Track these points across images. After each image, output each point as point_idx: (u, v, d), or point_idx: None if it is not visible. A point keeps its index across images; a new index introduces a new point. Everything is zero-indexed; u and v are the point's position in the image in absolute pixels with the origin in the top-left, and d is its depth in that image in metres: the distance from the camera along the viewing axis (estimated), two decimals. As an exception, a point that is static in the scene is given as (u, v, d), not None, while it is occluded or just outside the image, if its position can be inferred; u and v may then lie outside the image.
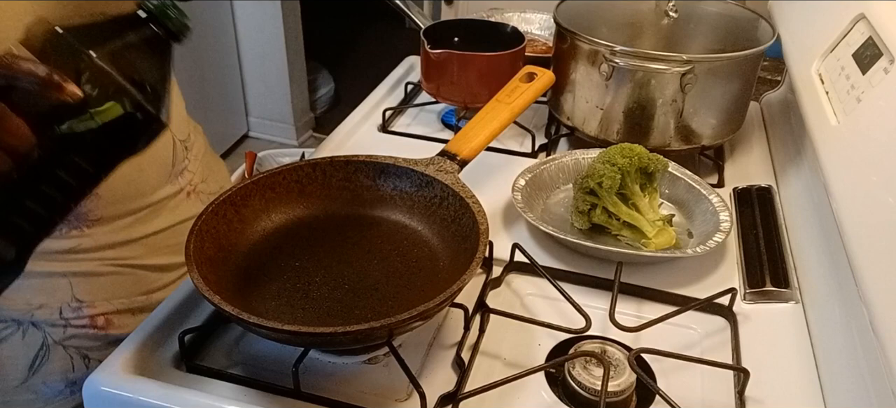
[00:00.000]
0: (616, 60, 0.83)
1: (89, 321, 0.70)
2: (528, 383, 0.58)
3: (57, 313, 0.69)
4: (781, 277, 0.70)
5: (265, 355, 0.60)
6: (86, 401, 0.57)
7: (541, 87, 0.82)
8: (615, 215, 0.73)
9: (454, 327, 0.64)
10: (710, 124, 0.87)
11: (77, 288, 0.69)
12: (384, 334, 0.53)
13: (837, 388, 0.58)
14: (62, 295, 0.69)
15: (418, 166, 0.70)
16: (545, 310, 0.67)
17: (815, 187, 0.76)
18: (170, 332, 0.61)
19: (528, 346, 0.63)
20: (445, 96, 0.98)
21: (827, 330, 0.63)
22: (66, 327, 0.69)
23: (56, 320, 0.69)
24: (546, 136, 0.98)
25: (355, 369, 0.59)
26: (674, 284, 0.70)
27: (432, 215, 0.69)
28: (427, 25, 1.01)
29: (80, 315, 0.70)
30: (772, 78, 1.18)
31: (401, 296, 0.62)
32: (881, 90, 0.59)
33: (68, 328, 0.69)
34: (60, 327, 0.69)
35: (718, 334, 0.65)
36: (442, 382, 0.58)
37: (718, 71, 0.84)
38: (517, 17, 1.22)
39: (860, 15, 0.69)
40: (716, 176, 0.89)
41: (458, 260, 0.62)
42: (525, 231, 0.78)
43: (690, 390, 0.59)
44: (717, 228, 0.73)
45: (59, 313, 0.69)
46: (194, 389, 0.56)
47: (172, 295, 0.65)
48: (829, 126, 0.65)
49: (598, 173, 0.72)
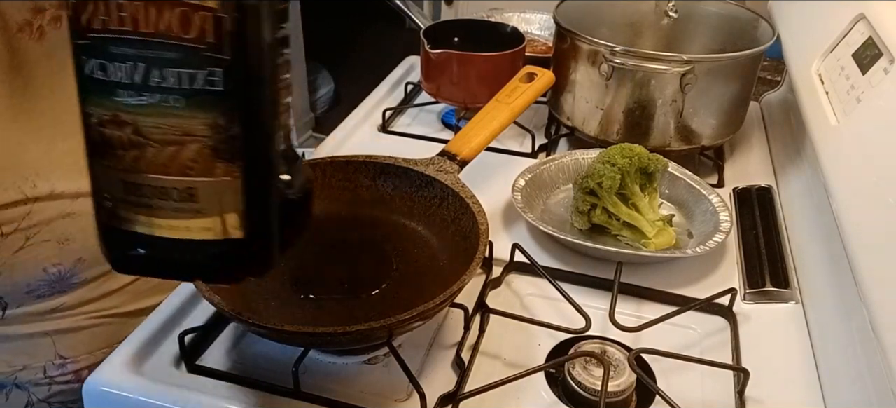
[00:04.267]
0: (616, 60, 0.83)
1: (74, 376, 0.69)
2: (528, 383, 0.58)
3: (41, 372, 0.67)
4: (781, 277, 0.70)
5: (265, 355, 0.60)
6: (86, 401, 0.57)
7: (541, 88, 0.82)
8: (615, 215, 0.73)
9: (454, 327, 0.64)
10: (710, 124, 0.87)
11: (60, 345, 0.68)
12: (384, 334, 0.53)
13: (837, 388, 0.58)
14: (45, 354, 0.67)
15: (418, 166, 0.70)
16: (545, 310, 0.67)
17: (815, 187, 0.76)
18: (170, 332, 0.61)
19: (528, 346, 0.63)
20: (445, 96, 0.98)
21: (827, 330, 0.63)
22: (51, 385, 0.68)
23: (40, 379, 0.68)
24: (546, 136, 0.98)
25: (355, 369, 0.59)
26: (674, 285, 0.70)
27: (432, 215, 0.69)
28: (427, 25, 1.01)
29: (65, 372, 0.69)
30: (772, 78, 1.18)
31: (401, 296, 0.62)
32: (881, 90, 0.59)
33: (53, 386, 0.68)
34: (45, 385, 0.68)
35: (718, 334, 0.65)
36: (442, 382, 0.58)
37: (718, 71, 0.84)
38: (517, 17, 1.22)
39: (860, 15, 0.69)
40: (716, 176, 0.89)
41: (458, 260, 0.62)
42: (525, 231, 0.78)
43: (690, 391, 0.59)
44: (717, 229, 0.73)
45: (43, 371, 0.68)
46: (194, 389, 0.56)
47: (172, 295, 0.65)
48: (828, 126, 0.65)
49: (598, 173, 0.72)
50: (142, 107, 0.38)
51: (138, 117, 0.39)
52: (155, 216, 0.41)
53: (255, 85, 0.40)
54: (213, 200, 0.41)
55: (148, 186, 0.40)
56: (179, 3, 0.36)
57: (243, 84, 0.39)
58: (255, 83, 0.40)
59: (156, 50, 0.37)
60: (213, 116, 0.39)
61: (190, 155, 0.39)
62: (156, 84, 0.38)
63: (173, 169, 0.40)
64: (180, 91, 0.38)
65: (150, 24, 0.37)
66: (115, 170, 0.40)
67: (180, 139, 0.39)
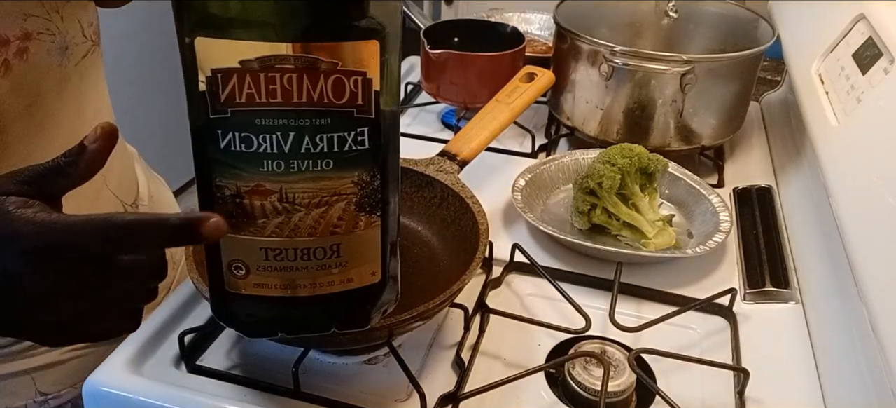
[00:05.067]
0: (616, 60, 0.83)
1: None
2: (528, 383, 0.58)
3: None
4: (781, 277, 0.70)
5: (265, 355, 0.60)
6: (86, 401, 0.57)
7: (541, 88, 0.82)
8: (615, 215, 0.73)
9: (454, 327, 0.64)
10: (710, 124, 0.87)
11: (40, 382, 0.66)
12: (384, 334, 0.53)
13: (837, 388, 0.58)
14: (26, 393, 0.65)
15: (418, 166, 0.70)
16: (545, 310, 0.67)
17: (815, 187, 0.76)
18: (170, 332, 0.61)
19: (528, 346, 0.63)
20: (445, 96, 0.98)
21: (827, 330, 0.63)
22: None
23: None
24: (546, 136, 0.98)
25: (355, 369, 0.59)
26: (674, 285, 0.70)
27: (432, 215, 0.69)
28: (427, 25, 1.01)
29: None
30: (772, 78, 1.18)
31: (401, 296, 0.62)
32: (881, 90, 0.59)
33: None
34: None
35: (718, 334, 0.65)
36: (442, 382, 0.58)
37: (718, 71, 0.84)
38: (517, 17, 1.22)
39: (860, 15, 0.69)
40: (716, 176, 0.89)
41: (458, 260, 0.62)
42: (525, 231, 0.78)
43: (690, 391, 0.59)
44: (717, 229, 0.73)
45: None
46: (194, 389, 0.56)
47: (172, 295, 0.65)
48: (829, 126, 0.65)
49: (598, 173, 0.72)
50: (290, 174, 0.38)
51: (284, 184, 0.38)
52: (298, 277, 0.41)
53: (393, 135, 0.41)
54: (357, 252, 0.42)
55: (292, 250, 0.40)
56: (334, 70, 0.36)
57: (384, 138, 0.40)
58: (393, 133, 0.41)
59: (308, 118, 0.37)
60: (360, 172, 0.39)
61: (337, 213, 0.40)
62: (307, 151, 0.37)
63: (320, 230, 0.40)
64: (331, 155, 0.38)
65: (303, 94, 0.36)
66: (253, 238, 0.40)
67: (329, 200, 0.39)
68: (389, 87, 0.39)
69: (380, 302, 0.45)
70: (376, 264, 0.43)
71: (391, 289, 0.46)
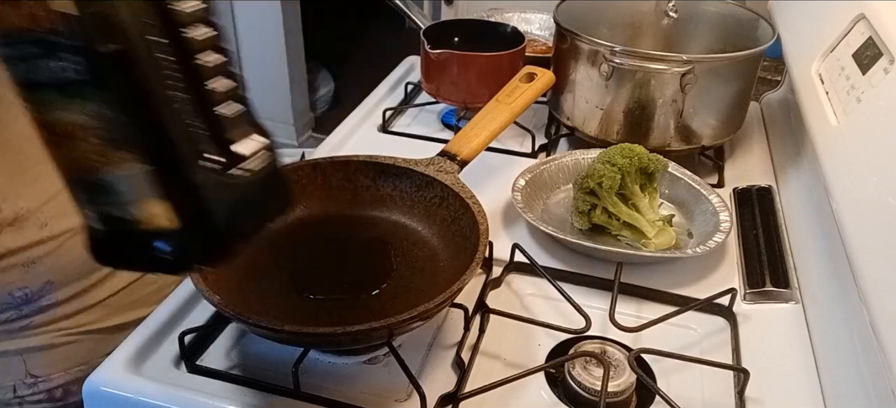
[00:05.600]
0: (616, 60, 0.83)
1: (46, 395, 0.68)
2: (528, 383, 0.58)
3: (10, 391, 0.66)
4: (781, 277, 0.70)
5: (265, 355, 0.60)
6: (86, 401, 0.57)
7: (541, 88, 0.82)
8: (615, 215, 0.73)
9: (454, 327, 0.64)
10: (710, 124, 0.87)
11: (31, 363, 0.66)
12: (384, 334, 0.53)
13: (837, 388, 0.58)
14: (15, 373, 0.66)
15: (418, 166, 0.70)
16: (545, 310, 0.67)
17: (815, 187, 0.76)
18: (170, 332, 0.61)
19: (528, 346, 0.63)
20: (445, 96, 0.98)
21: (827, 330, 0.63)
22: (22, 404, 0.67)
23: (10, 399, 0.66)
24: (546, 136, 0.98)
25: (355, 369, 0.59)
26: (674, 285, 0.70)
27: (432, 216, 0.69)
28: (427, 25, 1.01)
29: (36, 391, 0.67)
30: (772, 78, 1.18)
31: (401, 296, 0.62)
32: (881, 90, 0.59)
33: (24, 405, 0.67)
34: (15, 404, 0.66)
35: (718, 334, 0.65)
36: (442, 382, 0.58)
37: (718, 71, 0.84)
38: (517, 17, 1.22)
39: (860, 15, 0.69)
40: (716, 176, 0.89)
41: (458, 260, 0.62)
42: (525, 231, 0.78)
43: (690, 391, 0.59)
44: (717, 229, 0.73)
45: (12, 391, 0.66)
46: (194, 389, 0.56)
47: (172, 295, 0.65)
48: (829, 126, 0.65)
49: (598, 173, 0.72)
50: (47, 103, 0.39)
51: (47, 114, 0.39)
52: (101, 211, 0.41)
53: (124, 70, 0.39)
54: (131, 191, 0.40)
55: (88, 180, 0.40)
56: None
57: (110, 71, 0.38)
58: (123, 68, 0.39)
59: (25, 46, 0.38)
60: (95, 106, 0.39)
61: (92, 148, 0.39)
62: (45, 79, 0.38)
63: (90, 163, 0.40)
64: (56, 84, 0.38)
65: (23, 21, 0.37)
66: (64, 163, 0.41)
67: (77, 132, 0.39)
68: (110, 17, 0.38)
69: (193, 251, 0.43)
70: (168, 208, 0.41)
71: (209, 240, 0.43)
